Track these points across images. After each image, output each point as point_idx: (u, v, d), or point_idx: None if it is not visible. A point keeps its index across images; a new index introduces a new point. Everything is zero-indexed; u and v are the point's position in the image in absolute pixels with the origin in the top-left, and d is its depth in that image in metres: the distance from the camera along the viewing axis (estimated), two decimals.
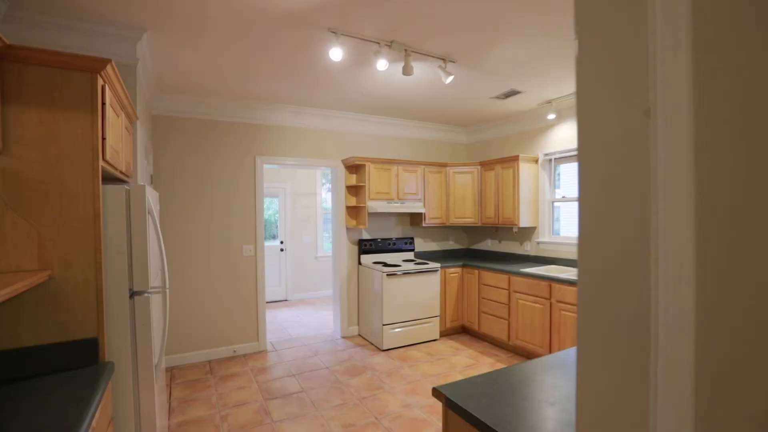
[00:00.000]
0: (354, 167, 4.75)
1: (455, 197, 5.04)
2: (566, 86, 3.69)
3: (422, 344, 4.46)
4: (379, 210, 4.42)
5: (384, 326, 4.25)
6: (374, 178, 4.54)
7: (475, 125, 5.36)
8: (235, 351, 4.12)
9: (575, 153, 3.99)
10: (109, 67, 1.68)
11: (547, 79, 3.50)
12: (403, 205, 4.68)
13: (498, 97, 4.01)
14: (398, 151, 5.16)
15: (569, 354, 1.71)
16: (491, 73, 3.35)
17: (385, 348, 4.25)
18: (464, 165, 5.02)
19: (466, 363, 3.89)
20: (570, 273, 3.96)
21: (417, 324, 4.47)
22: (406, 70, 2.83)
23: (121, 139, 2.09)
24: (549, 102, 4.18)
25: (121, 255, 1.76)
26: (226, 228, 4.10)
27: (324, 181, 7.46)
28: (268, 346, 4.43)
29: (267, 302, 6.67)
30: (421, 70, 3.20)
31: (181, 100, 3.86)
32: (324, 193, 7.43)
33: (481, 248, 5.47)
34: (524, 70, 3.27)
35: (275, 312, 6.07)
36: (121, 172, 2.12)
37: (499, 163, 4.68)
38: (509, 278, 4.15)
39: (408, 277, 4.39)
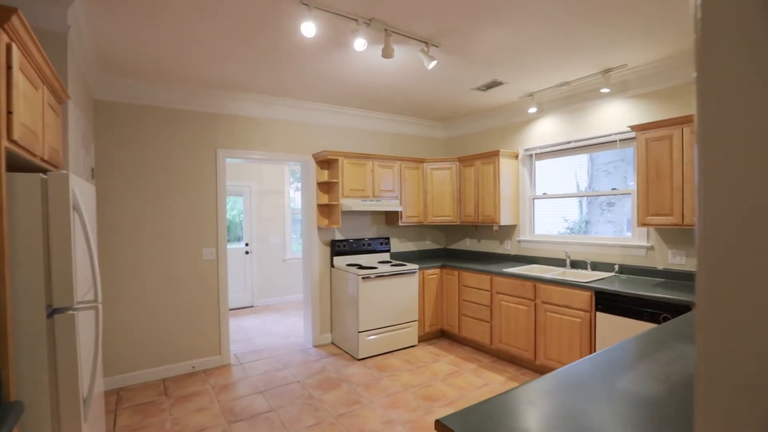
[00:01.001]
0: (326, 162, 4.43)
1: (433, 194, 4.82)
2: (550, 78, 3.54)
3: (400, 351, 4.20)
4: (354, 208, 4.12)
5: (360, 333, 3.95)
6: (348, 173, 4.24)
7: (453, 120, 5.16)
8: (194, 366, 3.69)
9: (557, 148, 3.85)
10: (15, 20, 1.30)
11: (530, 70, 3.32)
12: (379, 202, 4.40)
13: (479, 89, 3.82)
14: (373, 146, 4.88)
15: (581, 367, 1.48)
16: (475, 61, 3.13)
17: (361, 357, 3.95)
18: (442, 161, 4.81)
19: (448, 370, 3.65)
20: (555, 272, 3.82)
21: (395, 330, 4.20)
22: (387, 52, 2.56)
23: (41, 118, 1.69)
24: (530, 95, 4.02)
25: (35, 262, 1.38)
26: (183, 229, 3.67)
27: (292, 179, 7.06)
28: (232, 359, 4.02)
29: (231, 309, 6.22)
30: (402, 54, 2.93)
31: (130, 85, 3.40)
32: (292, 193, 7.04)
33: (459, 248, 5.28)
34: (509, 58, 3.08)
35: (240, 320, 5.63)
36: (42, 160, 1.72)
37: (479, 159, 4.49)
38: (491, 279, 3.96)
39: (385, 280, 4.12)
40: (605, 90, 3.46)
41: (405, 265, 4.37)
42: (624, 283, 3.11)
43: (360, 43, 2.47)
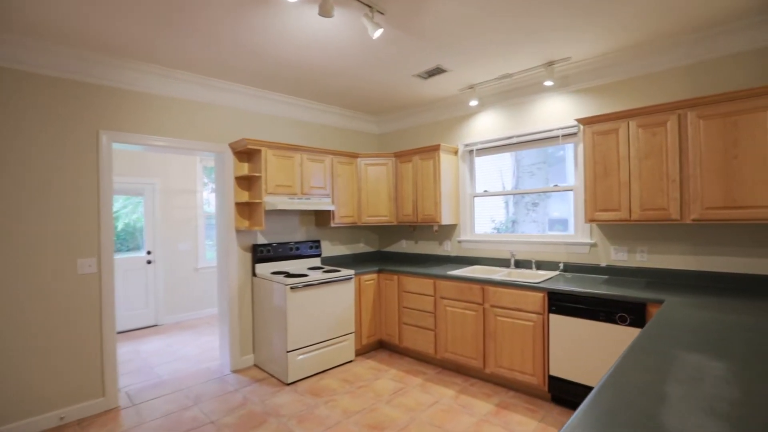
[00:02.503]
0: (246, 153, 3.78)
1: (368, 192, 4.41)
2: (493, 68, 3.33)
3: (337, 368, 3.69)
4: (280, 207, 3.54)
5: (289, 353, 3.37)
6: (273, 167, 3.64)
7: (389, 113, 4.81)
8: (62, 417, 2.78)
9: (498, 143, 3.63)
10: None
11: (476, 56, 3.07)
12: (309, 201, 3.86)
13: (421, 75, 3.49)
14: (300, 138, 4.33)
15: (606, 400, 1.14)
16: (421, 39, 2.78)
17: (291, 381, 3.37)
18: (377, 156, 4.42)
19: (392, 388, 3.24)
20: (500, 273, 3.62)
21: (329, 345, 3.69)
22: (325, 9, 2.08)
23: None
24: (471, 87, 3.81)
25: None
26: (48, 235, 2.79)
27: (207, 180, 6.16)
28: (122, 399, 3.17)
29: (127, 331, 5.20)
30: (341, 20, 2.47)
31: None
32: (206, 194, 6.14)
33: (395, 250, 4.92)
34: (457, 37, 2.78)
35: (138, 344, 4.66)
36: None
37: (418, 154, 4.18)
38: (434, 283, 3.65)
39: (317, 289, 3.59)
40: (549, 83, 3.34)
41: (339, 270, 3.89)
42: (571, 282, 2.98)
43: None
